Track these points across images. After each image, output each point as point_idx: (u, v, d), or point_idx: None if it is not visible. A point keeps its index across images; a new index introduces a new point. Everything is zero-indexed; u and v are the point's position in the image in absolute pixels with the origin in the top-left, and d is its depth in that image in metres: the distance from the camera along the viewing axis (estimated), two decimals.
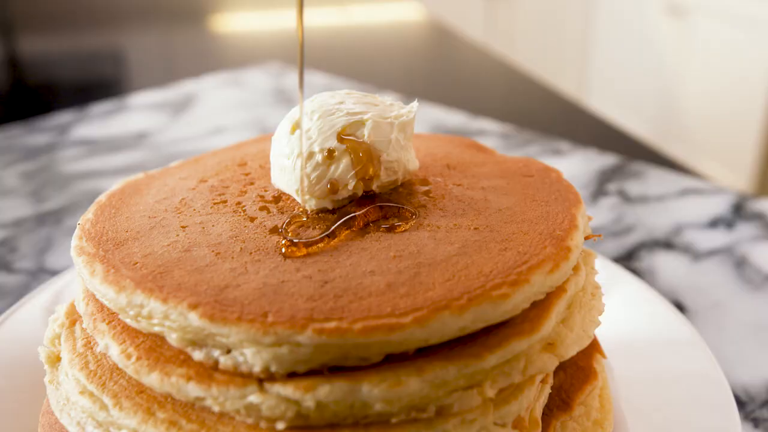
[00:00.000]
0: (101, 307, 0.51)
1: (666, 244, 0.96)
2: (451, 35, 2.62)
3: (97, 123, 1.48)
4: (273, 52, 2.06)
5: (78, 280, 0.56)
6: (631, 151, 1.40)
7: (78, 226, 0.56)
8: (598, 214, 1.05)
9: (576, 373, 0.57)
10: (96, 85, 1.88)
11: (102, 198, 0.61)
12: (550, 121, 1.75)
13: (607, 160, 1.26)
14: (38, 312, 0.69)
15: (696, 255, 0.93)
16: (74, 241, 0.54)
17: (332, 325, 0.42)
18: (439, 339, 0.44)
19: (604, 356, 0.60)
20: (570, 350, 0.49)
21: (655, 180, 1.17)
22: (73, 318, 0.56)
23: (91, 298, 0.52)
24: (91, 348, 0.52)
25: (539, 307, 0.48)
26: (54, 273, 0.89)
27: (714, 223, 1.02)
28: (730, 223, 1.02)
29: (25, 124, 1.46)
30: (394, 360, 0.44)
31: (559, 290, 0.49)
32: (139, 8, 3.06)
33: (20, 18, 2.77)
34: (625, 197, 1.11)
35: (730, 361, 0.73)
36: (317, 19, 3.00)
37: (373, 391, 0.42)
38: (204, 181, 0.62)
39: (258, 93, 1.69)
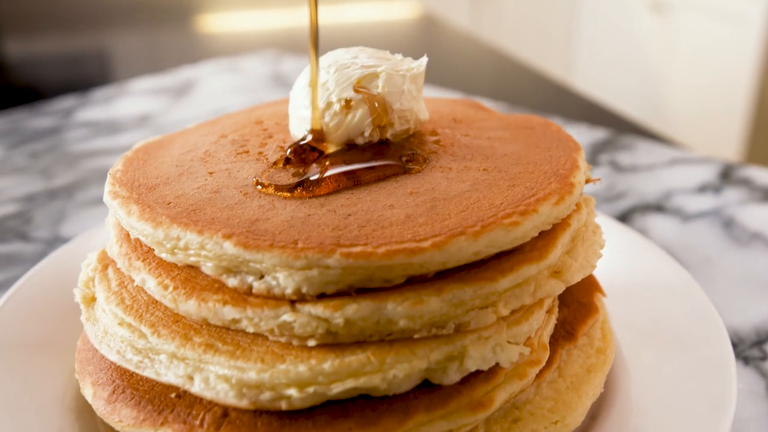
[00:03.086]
0: (135, 247, 0.55)
1: (657, 207, 1.01)
2: (442, 28, 2.66)
3: (100, 107, 1.51)
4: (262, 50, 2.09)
5: (109, 226, 0.59)
6: (619, 129, 1.45)
7: (109, 175, 0.59)
8: (590, 184, 1.09)
9: (579, 309, 0.61)
10: (83, 87, 1.89)
11: (128, 153, 0.64)
12: (541, 103, 1.79)
13: (598, 134, 1.30)
14: (60, 269, 0.72)
15: (686, 217, 0.98)
16: (107, 188, 0.57)
17: (358, 249, 0.46)
18: (456, 262, 0.47)
19: (604, 294, 0.64)
20: (575, 277, 0.52)
21: (645, 151, 1.22)
22: (104, 263, 0.59)
23: (125, 240, 0.56)
24: (126, 287, 0.55)
25: (546, 238, 0.52)
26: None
27: (702, 189, 1.06)
28: (718, 188, 1.06)
29: (29, 109, 1.49)
30: (416, 282, 0.47)
31: (564, 223, 0.53)
32: (125, 9, 3.07)
33: (4, 19, 2.77)
34: (617, 167, 1.15)
35: (721, 308, 0.77)
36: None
37: (397, 309, 0.46)
38: (224, 137, 0.66)
39: (256, 78, 1.72)
